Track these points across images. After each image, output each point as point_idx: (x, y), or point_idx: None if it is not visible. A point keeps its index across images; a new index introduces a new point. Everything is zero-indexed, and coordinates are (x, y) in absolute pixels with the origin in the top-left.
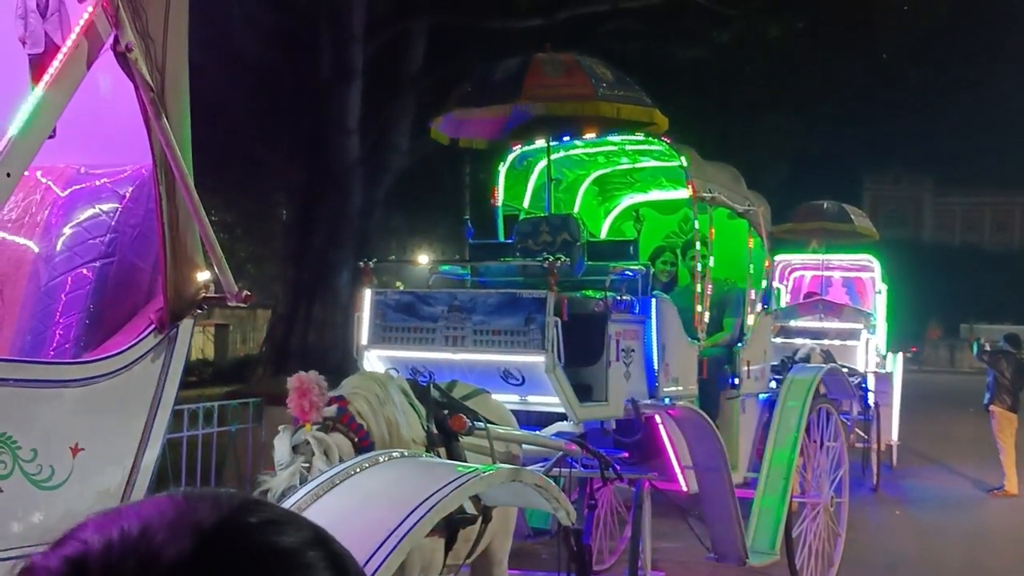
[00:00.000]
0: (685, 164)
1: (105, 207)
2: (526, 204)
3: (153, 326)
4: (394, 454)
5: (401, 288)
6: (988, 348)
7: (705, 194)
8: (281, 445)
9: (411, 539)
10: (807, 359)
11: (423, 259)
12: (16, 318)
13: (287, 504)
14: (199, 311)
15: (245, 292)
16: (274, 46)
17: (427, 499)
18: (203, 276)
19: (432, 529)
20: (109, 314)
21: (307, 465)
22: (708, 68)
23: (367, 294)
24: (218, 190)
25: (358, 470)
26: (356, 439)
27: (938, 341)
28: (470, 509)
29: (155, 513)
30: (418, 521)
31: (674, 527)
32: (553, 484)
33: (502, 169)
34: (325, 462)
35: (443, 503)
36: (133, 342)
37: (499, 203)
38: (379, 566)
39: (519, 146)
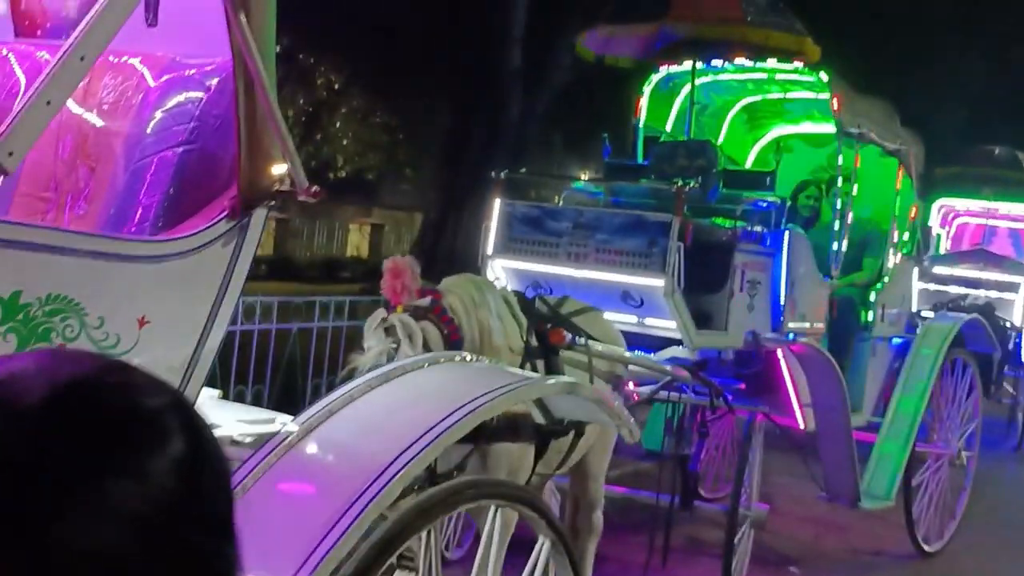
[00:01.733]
0: (827, 79)
1: (192, 95)
2: (669, 127)
3: (226, 212)
4: (456, 358)
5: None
6: None
7: (853, 129)
8: (372, 326)
9: (445, 440)
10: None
11: (561, 175)
12: (105, 194)
13: (343, 390)
14: (271, 203)
15: (315, 187)
16: None
17: (469, 403)
18: (279, 169)
19: (522, 436)
20: (187, 199)
21: (395, 346)
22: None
23: (496, 204)
24: (382, 93)
25: (414, 368)
26: (446, 331)
27: None
28: (538, 418)
29: (25, 364)
30: (455, 423)
31: (790, 463)
32: (613, 401)
33: (646, 90)
34: (411, 346)
35: (484, 408)
36: (206, 225)
37: (641, 120)
38: (409, 461)
39: (666, 67)
